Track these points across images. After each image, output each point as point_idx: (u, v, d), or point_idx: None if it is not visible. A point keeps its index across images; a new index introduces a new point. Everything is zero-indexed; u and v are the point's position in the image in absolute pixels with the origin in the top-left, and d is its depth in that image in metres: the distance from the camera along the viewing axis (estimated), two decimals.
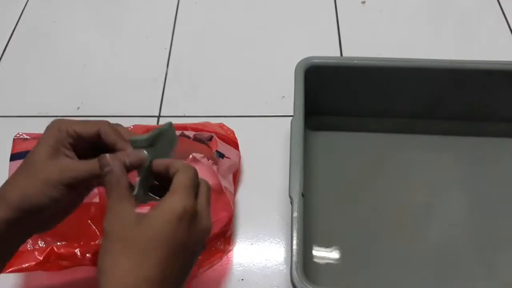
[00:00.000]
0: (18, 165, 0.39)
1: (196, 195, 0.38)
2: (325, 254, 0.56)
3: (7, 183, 0.38)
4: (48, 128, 0.40)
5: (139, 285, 0.33)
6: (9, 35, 0.84)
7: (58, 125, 0.39)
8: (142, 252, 0.34)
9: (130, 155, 0.38)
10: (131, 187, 0.38)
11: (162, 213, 0.35)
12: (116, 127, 0.41)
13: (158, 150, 0.40)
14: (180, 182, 0.37)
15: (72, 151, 0.39)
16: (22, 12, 0.88)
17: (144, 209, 0.38)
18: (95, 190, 0.52)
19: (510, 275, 0.55)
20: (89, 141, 0.40)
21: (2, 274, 0.49)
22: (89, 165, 0.38)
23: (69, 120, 0.40)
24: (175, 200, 0.36)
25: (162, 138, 0.40)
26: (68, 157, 0.39)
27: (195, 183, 0.38)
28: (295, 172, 0.51)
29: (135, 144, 0.39)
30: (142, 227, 0.35)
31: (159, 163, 0.39)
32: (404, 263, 0.56)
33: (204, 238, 0.38)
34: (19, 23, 0.86)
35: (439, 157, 0.64)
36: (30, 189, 0.37)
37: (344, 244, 0.57)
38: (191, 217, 0.36)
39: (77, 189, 0.38)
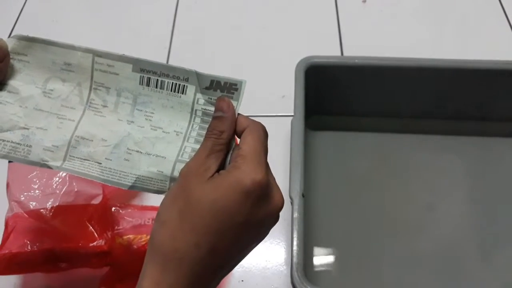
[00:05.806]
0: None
1: (266, 161, 0.33)
2: (326, 255, 0.56)
3: None
4: None
5: (187, 248, 0.31)
6: (8, 35, 0.84)
7: None
8: (199, 215, 0.31)
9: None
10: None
11: (229, 182, 0.31)
12: None
13: None
14: (250, 145, 0.33)
15: None
16: (20, 11, 0.88)
17: None
18: (96, 191, 0.52)
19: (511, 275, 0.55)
20: None
21: (1, 276, 0.49)
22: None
23: None
24: (244, 171, 0.31)
25: None
26: None
27: (265, 145, 0.34)
28: (295, 172, 0.50)
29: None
30: (208, 186, 0.31)
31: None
32: (406, 263, 0.55)
33: (275, 213, 0.34)
34: (17, 23, 0.86)
35: (440, 157, 0.64)
36: None
37: (345, 245, 0.57)
38: (260, 192, 0.32)
39: None
